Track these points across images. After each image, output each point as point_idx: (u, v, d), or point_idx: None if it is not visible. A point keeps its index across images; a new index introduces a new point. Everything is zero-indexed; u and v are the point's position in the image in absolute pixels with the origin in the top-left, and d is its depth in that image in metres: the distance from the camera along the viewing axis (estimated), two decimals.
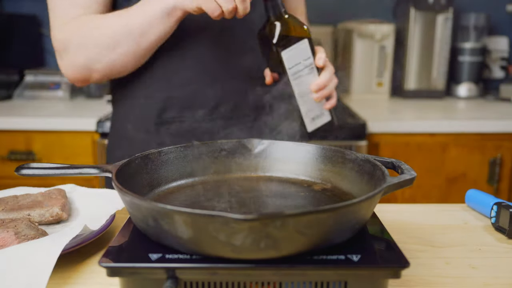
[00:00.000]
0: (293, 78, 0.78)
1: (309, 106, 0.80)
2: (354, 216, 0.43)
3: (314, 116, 0.81)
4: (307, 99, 0.80)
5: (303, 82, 0.78)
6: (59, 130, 1.50)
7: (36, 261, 0.46)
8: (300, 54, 0.77)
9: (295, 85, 0.78)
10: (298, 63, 0.77)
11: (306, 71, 0.78)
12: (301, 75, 0.78)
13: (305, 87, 0.79)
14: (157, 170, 0.59)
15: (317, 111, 0.81)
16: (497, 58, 2.07)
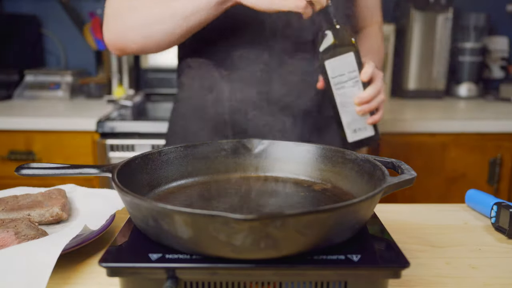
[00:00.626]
0: (335, 87, 0.79)
1: (352, 118, 0.81)
2: (354, 216, 0.43)
3: (356, 128, 0.82)
4: (349, 110, 0.81)
5: (346, 93, 0.80)
6: (59, 130, 1.50)
7: (36, 261, 0.46)
8: (345, 66, 0.78)
9: (337, 95, 0.80)
10: (342, 74, 0.79)
11: (350, 83, 0.79)
12: (344, 86, 0.79)
13: (349, 98, 0.80)
14: (157, 170, 0.59)
15: (359, 124, 0.82)
16: (497, 58, 2.07)
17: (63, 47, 2.11)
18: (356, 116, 0.81)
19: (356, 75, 0.79)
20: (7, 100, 1.84)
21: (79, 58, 2.11)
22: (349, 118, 0.81)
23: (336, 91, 0.80)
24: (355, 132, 0.82)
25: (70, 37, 2.09)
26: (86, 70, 2.10)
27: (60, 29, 2.08)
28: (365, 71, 0.78)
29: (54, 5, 2.03)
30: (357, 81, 0.79)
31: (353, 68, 0.78)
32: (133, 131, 1.50)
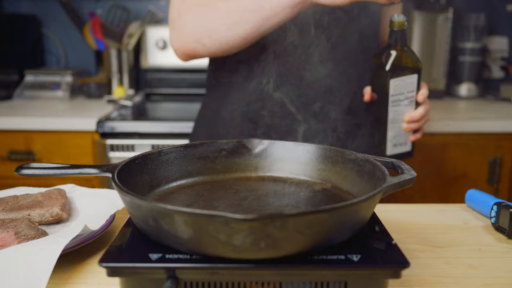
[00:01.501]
0: (392, 105, 0.83)
1: (396, 133, 0.85)
2: (354, 216, 0.43)
3: (397, 143, 0.86)
4: (397, 126, 0.84)
5: (400, 111, 0.83)
6: (59, 130, 1.50)
7: (36, 261, 0.46)
8: (406, 86, 0.82)
9: (391, 111, 0.83)
10: (401, 93, 0.82)
11: (406, 102, 0.83)
12: (400, 104, 0.83)
13: (400, 116, 0.84)
14: (157, 170, 0.59)
15: (401, 139, 0.86)
16: (497, 58, 2.07)
17: (63, 47, 2.11)
18: (401, 132, 0.85)
19: (413, 95, 0.83)
20: (7, 100, 1.84)
21: (79, 58, 2.12)
22: (394, 133, 0.85)
23: (391, 108, 0.83)
24: (395, 146, 0.86)
25: (70, 37, 2.09)
26: (86, 70, 2.10)
27: (60, 29, 2.08)
28: (423, 93, 0.83)
29: (54, 5, 2.03)
30: (412, 100, 0.83)
31: (413, 88, 0.82)
32: (133, 131, 1.50)
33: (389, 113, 0.83)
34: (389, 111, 0.83)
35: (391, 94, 0.82)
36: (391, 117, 0.84)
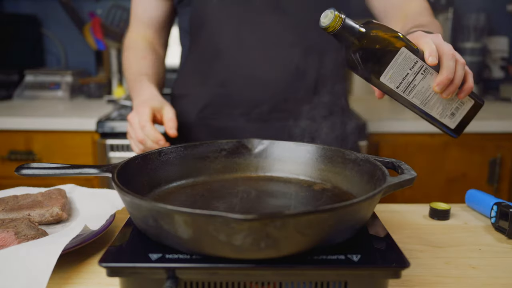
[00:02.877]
0: (406, 93, 0.65)
1: (442, 106, 0.67)
2: (354, 216, 0.43)
3: (452, 111, 0.67)
4: (434, 101, 0.66)
5: (421, 89, 0.64)
6: (59, 130, 1.50)
7: (36, 261, 0.46)
8: (403, 66, 0.63)
9: (413, 98, 0.65)
10: (405, 75, 0.63)
11: (419, 77, 0.64)
12: (415, 84, 0.64)
13: (427, 92, 0.65)
14: (157, 170, 0.59)
15: (453, 105, 0.67)
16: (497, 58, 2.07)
17: (63, 47, 2.11)
18: (445, 102, 0.66)
19: (421, 64, 0.63)
20: (7, 100, 1.84)
21: (79, 58, 2.12)
22: (439, 108, 0.66)
23: (408, 97, 0.65)
24: (453, 115, 0.68)
25: (70, 37, 2.09)
26: (86, 70, 2.10)
27: (60, 29, 2.08)
28: (429, 55, 0.62)
29: (54, 5, 2.03)
30: (425, 69, 0.63)
31: (413, 61, 0.62)
32: None
33: (412, 101, 0.66)
34: (410, 100, 0.66)
35: (395, 87, 0.64)
36: (419, 102, 0.66)
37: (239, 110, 0.89)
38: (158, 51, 1.01)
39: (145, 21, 0.99)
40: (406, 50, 0.62)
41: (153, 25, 1.00)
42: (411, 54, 0.62)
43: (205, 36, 0.90)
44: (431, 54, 0.62)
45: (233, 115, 0.90)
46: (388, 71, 0.62)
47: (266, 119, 0.90)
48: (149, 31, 1.00)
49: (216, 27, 0.88)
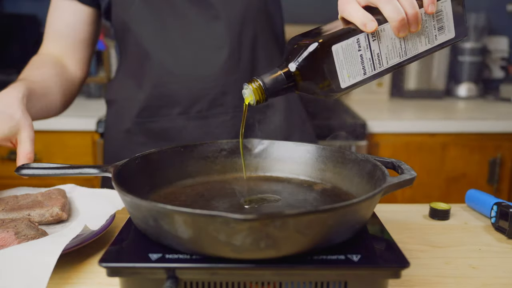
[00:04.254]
0: (379, 67, 0.54)
1: (423, 35, 0.55)
2: (354, 216, 0.43)
3: (438, 26, 0.55)
4: (412, 42, 0.55)
5: (388, 49, 0.54)
6: (59, 130, 1.50)
7: (36, 261, 0.46)
8: (350, 56, 0.52)
9: (389, 62, 0.55)
10: (360, 60, 0.53)
11: (374, 44, 0.53)
12: (378, 53, 0.53)
13: (396, 45, 0.54)
14: (157, 170, 0.59)
15: (432, 23, 0.55)
16: (497, 58, 2.07)
17: None
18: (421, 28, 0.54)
19: (364, 35, 0.52)
20: None
21: None
22: (423, 39, 0.55)
23: (384, 66, 0.55)
24: (443, 27, 0.56)
25: None
26: None
27: None
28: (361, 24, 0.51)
29: None
30: (373, 33, 0.52)
31: (354, 42, 0.52)
32: None
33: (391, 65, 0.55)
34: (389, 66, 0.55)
35: (363, 75, 0.54)
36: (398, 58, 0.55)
37: (177, 110, 0.86)
38: (66, 67, 0.87)
39: (59, 30, 0.87)
40: (337, 44, 0.51)
41: (68, 36, 0.87)
42: (345, 40, 0.52)
43: (131, 39, 0.86)
44: (362, 22, 0.51)
45: (171, 115, 0.87)
46: (342, 74, 0.52)
47: (206, 115, 0.87)
48: (61, 43, 0.87)
49: (140, 28, 0.85)
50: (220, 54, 0.85)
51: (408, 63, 0.57)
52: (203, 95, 0.86)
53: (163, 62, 0.85)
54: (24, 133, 0.67)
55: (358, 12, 0.51)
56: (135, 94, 0.88)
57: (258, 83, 0.52)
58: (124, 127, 0.90)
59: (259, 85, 0.52)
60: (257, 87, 0.52)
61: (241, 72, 0.87)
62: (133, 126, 0.89)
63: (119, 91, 0.92)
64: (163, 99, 0.86)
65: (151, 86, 0.86)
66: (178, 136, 0.87)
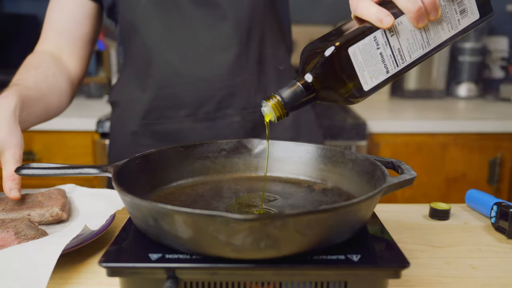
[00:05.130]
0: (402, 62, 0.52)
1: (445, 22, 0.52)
2: (354, 216, 0.43)
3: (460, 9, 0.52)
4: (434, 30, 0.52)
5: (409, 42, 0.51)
6: (59, 130, 1.50)
7: (36, 261, 0.46)
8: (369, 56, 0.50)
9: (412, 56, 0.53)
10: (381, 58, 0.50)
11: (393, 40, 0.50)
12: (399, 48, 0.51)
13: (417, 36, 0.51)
14: (157, 170, 0.59)
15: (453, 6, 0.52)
16: (497, 58, 2.07)
17: None
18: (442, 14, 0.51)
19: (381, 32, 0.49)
20: None
21: None
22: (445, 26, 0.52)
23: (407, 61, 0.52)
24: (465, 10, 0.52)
25: None
26: None
27: None
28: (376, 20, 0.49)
29: None
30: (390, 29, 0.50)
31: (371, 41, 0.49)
32: None
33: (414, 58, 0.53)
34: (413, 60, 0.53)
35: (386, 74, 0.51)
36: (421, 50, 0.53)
37: (184, 111, 0.85)
38: (64, 64, 0.85)
39: (59, 25, 0.86)
40: (353, 46, 0.49)
41: (69, 30, 0.85)
42: (361, 40, 0.49)
43: (137, 40, 0.85)
44: (377, 18, 0.48)
45: (178, 117, 0.86)
46: (363, 76, 0.50)
47: (213, 117, 0.86)
48: (61, 39, 0.86)
49: (146, 29, 0.84)
50: (227, 55, 0.84)
51: (434, 53, 0.54)
52: (210, 97, 0.85)
53: (169, 63, 0.84)
54: (7, 154, 0.62)
55: (371, 8, 0.48)
56: (139, 96, 0.87)
57: (276, 99, 0.51)
58: (129, 129, 0.89)
59: (278, 101, 0.51)
60: (276, 103, 0.51)
61: (248, 73, 0.86)
62: (139, 128, 0.88)
63: (123, 93, 0.91)
64: (169, 101, 0.85)
65: (157, 87, 0.85)
66: (185, 139, 0.86)
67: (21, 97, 0.68)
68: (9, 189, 0.61)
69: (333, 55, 0.49)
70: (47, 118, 0.80)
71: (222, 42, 0.84)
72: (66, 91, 0.84)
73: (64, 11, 0.85)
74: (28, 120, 0.71)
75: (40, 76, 0.78)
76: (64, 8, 0.85)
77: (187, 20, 0.83)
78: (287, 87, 0.51)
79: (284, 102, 0.51)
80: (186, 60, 0.84)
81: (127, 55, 0.90)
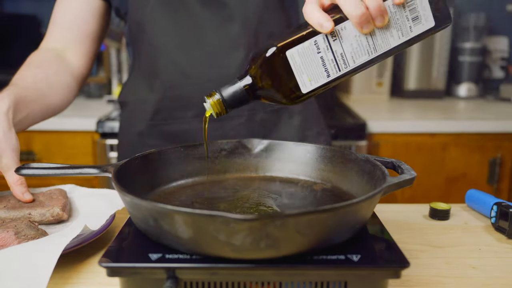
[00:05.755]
0: (345, 67, 0.51)
1: (394, 28, 0.50)
2: (354, 216, 0.43)
3: (412, 16, 0.50)
4: (382, 36, 0.50)
5: (353, 47, 0.50)
6: (59, 130, 1.50)
7: (37, 261, 0.46)
8: (309, 59, 0.50)
9: (356, 62, 0.51)
10: (321, 62, 0.50)
11: (336, 44, 0.49)
12: (341, 53, 0.50)
13: (363, 42, 0.50)
14: (157, 170, 0.59)
15: (404, 13, 0.50)
16: (497, 58, 2.07)
17: None
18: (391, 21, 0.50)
19: (322, 36, 0.49)
20: None
21: None
22: (395, 32, 0.50)
23: (351, 66, 0.51)
24: (418, 17, 0.50)
25: None
26: None
27: None
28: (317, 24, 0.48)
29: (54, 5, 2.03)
30: (332, 33, 0.49)
31: (312, 45, 0.49)
32: None
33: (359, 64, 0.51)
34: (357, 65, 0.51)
35: (327, 78, 0.51)
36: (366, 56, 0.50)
37: (192, 112, 0.85)
38: (68, 62, 0.84)
39: (66, 21, 0.85)
40: (292, 49, 0.49)
41: (75, 27, 0.84)
42: (301, 44, 0.49)
43: (145, 40, 0.85)
44: (318, 23, 0.48)
45: (185, 118, 0.86)
46: (302, 79, 0.50)
47: (220, 118, 0.86)
48: (67, 35, 0.84)
49: (154, 29, 0.83)
50: (235, 55, 0.83)
51: (383, 59, 0.52)
52: None
53: (176, 64, 0.84)
54: (5, 160, 0.61)
55: (314, 13, 0.48)
56: (147, 96, 0.87)
57: (217, 96, 0.52)
58: (137, 129, 0.89)
59: (218, 99, 0.52)
60: (216, 101, 0.52)
61: None
62: (147, 129, 0.88)
63: (131, 93, 0.91)
64: (176, 101, 0.85)
65: (164, 88, 0.85)
66: (192, 139, 0.85)
67: (16, 99, 0.67)
68: (22, 193, 0.62)
69: (272, 57, 0.49)
70: (46, 117, 0.79)
71: (229, 42, 0.83)
72: (68, 89, 0.83)
73: (71, 7, 0.85)
74: (26, 122, 0.70)
75: (40, 76, 0.77)
76: (71, 4, 0.85)
77: (195, 20, 0.83)
78: (228, 85, 0.53)
79: (224, 100, 0.52)
80: (194, 61, 0.84)
81: (135, 56, 0.90)
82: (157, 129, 0.88)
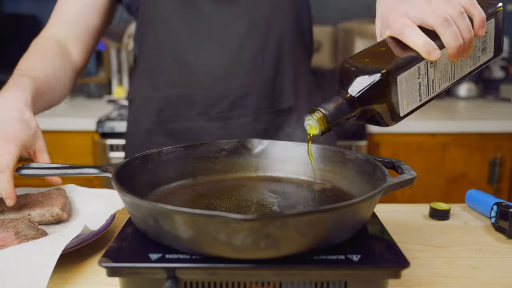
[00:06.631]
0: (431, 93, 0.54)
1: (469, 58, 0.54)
2: (354, 216, 0.43)
3: (481, 47, 0.55)
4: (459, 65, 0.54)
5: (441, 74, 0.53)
6: (59, 130, 1.50)
7: (37, 261, 0.46)
8: (410, 84, 0.51)
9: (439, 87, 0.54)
10: (418, 87, 0.52)
11: (431, 71, 0.52)
12: (433, 79, 0.52)
13: (448, 69, 0.53)
14: (157, 170, 0.59)
15: (478, 44, 0.54)
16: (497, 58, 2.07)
17: None
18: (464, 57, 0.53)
19: (424, 63, 0.50)
20: None
21: None
22: (468, 62, 0.54)
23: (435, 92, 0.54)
24: (485, 48, 0.55)
25: None
26: (86, 70, 2.09)
27: None
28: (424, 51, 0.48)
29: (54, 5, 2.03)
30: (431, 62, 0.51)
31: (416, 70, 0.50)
32: None
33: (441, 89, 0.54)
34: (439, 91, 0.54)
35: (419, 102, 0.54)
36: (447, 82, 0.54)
37: (197, 110, 0.85)
38: (70, 54, 0.84)
39: (69, 14, 0.85)
40: (402, 74, 0.49)
41: (78, 20, 0.85)
42: (408, 69, 0.50)
43: (152, 36, 0.85)
44: (426, 50, 0.48)
45: (191, 116, 0.85)
46: (402, 102, 0.51)
47: (226, 117, 0.85)
48: (69, 28, 0.85)
49: (163, 25, 0.83)
50: (244, 54, 0.83)
51: (452, 86, 0.56)
52: (224, 96, 0.84)
53: (183, 61, 0.83)
54: (40, 143, 0.65)
55: (420, 38, 0.48)
56: (153, 94, 0.87)
57: (322, 113, 0.50)
58: (143, 127, 0.89)
59: (324, 115, 0.50)
60: (321, 117, 0.50)
61: (265, 73, 0.85)
62: (153, 126, 0.88)
63: (137, 91, 0.91)
64: (181, 99, 0.85)
65: (170, 86, 0.85)
66: (198, 137, 0.85)
67: (34, 90, 0.69)
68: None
69: (382, 80, 0.49)
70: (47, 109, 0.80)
71: (238, 40, 0.83)
72: (69, 83, 0.83)
73: (75, 2, 0.85)
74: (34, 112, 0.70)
75: (50, 71, 0.77)
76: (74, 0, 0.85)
77: (205, 17, 0.83)
78: (331, 102, 0.51)
79: (329, 117, 0.50)
80: (201, 58, 0.83)
81: (140, 53, 0.90)
82: (163, 127, 0.87)
